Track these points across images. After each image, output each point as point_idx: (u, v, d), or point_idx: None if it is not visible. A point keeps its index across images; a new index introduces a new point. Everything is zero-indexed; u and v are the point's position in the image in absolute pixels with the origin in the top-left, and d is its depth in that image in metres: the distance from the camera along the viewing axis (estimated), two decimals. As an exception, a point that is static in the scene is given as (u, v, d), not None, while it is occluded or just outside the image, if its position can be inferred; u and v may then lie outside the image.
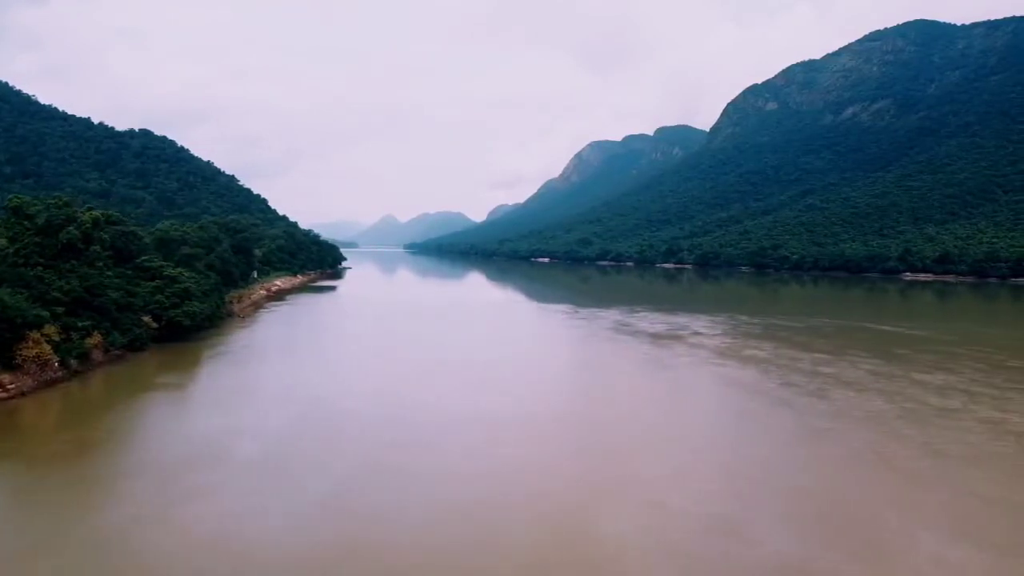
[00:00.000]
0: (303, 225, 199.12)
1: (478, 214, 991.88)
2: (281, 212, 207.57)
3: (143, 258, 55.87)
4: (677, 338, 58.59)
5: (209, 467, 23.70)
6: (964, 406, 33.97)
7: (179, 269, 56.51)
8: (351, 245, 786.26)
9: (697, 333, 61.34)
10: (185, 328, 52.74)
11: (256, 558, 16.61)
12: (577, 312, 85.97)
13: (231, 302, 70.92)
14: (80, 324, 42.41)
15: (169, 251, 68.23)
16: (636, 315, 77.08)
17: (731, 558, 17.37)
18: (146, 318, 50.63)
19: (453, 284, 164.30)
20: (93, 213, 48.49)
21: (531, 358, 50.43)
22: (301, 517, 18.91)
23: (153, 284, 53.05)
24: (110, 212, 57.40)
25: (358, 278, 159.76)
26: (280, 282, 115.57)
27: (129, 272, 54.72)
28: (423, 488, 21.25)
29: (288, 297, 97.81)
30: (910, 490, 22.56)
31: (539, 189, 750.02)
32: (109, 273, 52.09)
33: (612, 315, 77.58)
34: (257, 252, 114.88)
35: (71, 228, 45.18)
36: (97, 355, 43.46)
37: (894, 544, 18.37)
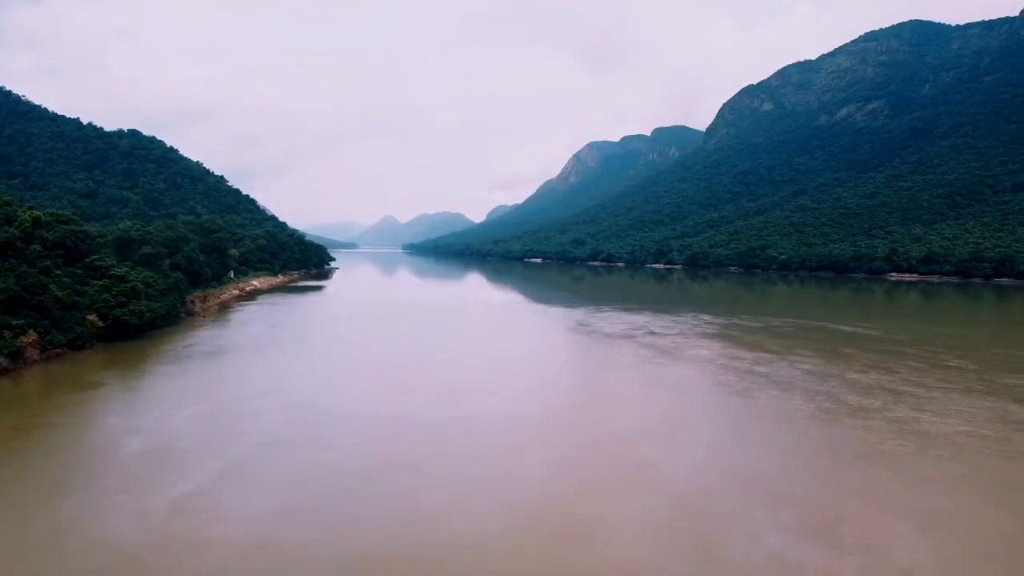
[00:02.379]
0: (303, 226, 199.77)
1: (478, 215, 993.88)
2: (281, 213, 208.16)
3: (93, 257, 55.89)
4: (629, 337, 58.40)
5: (86, 465, 23.74)
6: (883, 405, 33.79)
7: (127, 268, 56.54)
8: (350, 246, 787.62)
9: (652, 333, 61.14)
10: (134, 327, 52.77)
11: (81, 558, 16.59)
12: (546, 312, 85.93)
13: (192, 302, 70.96)
14: (14, 322, 42.53)
15: (129, 251, 68.40)
16: (601, 314, 76.91)
17: (564, 558, 17.30)
18: (91, 317, 50.71)
19: (432, 285, 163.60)
20: (34, 212, 48.57)
21: (472, 359, 49.84)
22: (144, 516, 18.89)
23: (100, 283, 53.13)
24: (60, 212, 57.59)
25: (342, 279, 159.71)
26: (257, 282, 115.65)
27: (79, 271, 54.88)
28: (282, 486, 21.23)
29: (261, 297, 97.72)
30: (781, 490, 22.39)
31: (538, 190, 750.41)
32: (58, 272, 52.33)
33: (578, 315, 77.48)
34: (234, 252, 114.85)
35: (9, 228, 45.18)
36: (33, 353, 43.53)
37: (736, 544, 18.24)
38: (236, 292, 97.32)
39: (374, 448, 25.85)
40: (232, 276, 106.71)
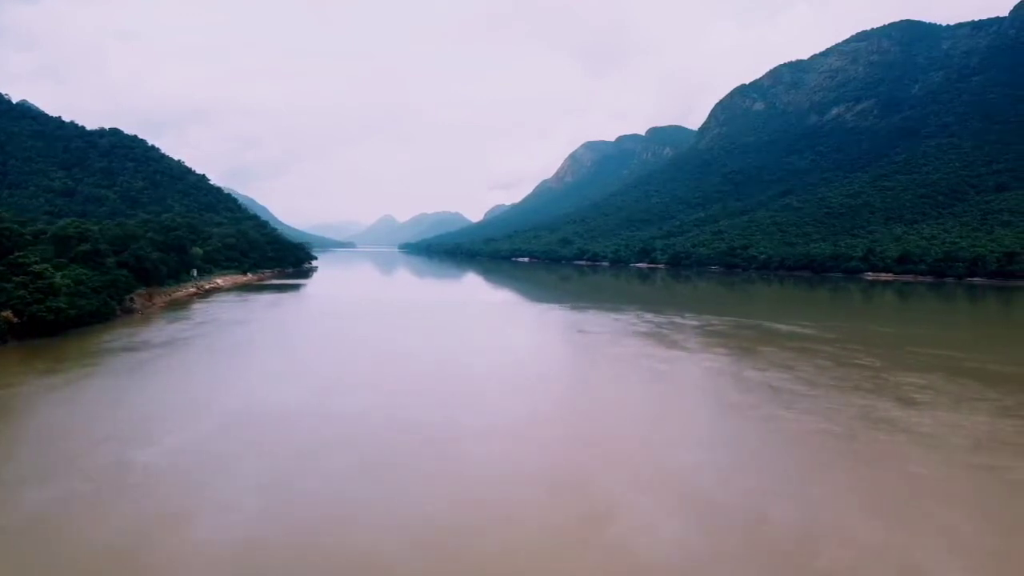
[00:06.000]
0: (302, 226, 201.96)
1: (476, 215, 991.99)
2: (280, 213, 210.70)
3: (16, 255, 55.95)
4: (559, 335, 58.28)
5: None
6: (757, 403, 33.61)
7: (49, 265, 56.61)
8: (349, 245, 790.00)
9: (581, 331, 60.93)
10: (53, 323, 52.72)
11: None
12: (492, 310, 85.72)
13: (132, 299, 70.87)
14: (-87, 318, 42.69)
15: (67, 248, 68.45)
16: (548, 313, 76.87)
17: (348, 551, 17.27)
18: (5, 313, 50.83)
19: (402, 283, 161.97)
20: (-57, 208, 48.45)
21: (391, 355, 48.83)
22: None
23: (19, 279, 53.18)
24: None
25: (319, 278, 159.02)
26: (220, 280, 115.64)
27: (1, 268, 55.01)
28: (74, 483, 21.24)
29: (220, 296, 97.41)
30: (583, 485, 22.20)
31: (534, 189, 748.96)
32: (-22, 269, 52.60)
33: (523, 312, 77.67)
34: (197, 250, 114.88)
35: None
36: (-66, 349, 43.75)
37: (491, 537, 18.13)
38: (192, 290, 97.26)
39: (202, 443, 25.75)
40: (195, 274, 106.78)
